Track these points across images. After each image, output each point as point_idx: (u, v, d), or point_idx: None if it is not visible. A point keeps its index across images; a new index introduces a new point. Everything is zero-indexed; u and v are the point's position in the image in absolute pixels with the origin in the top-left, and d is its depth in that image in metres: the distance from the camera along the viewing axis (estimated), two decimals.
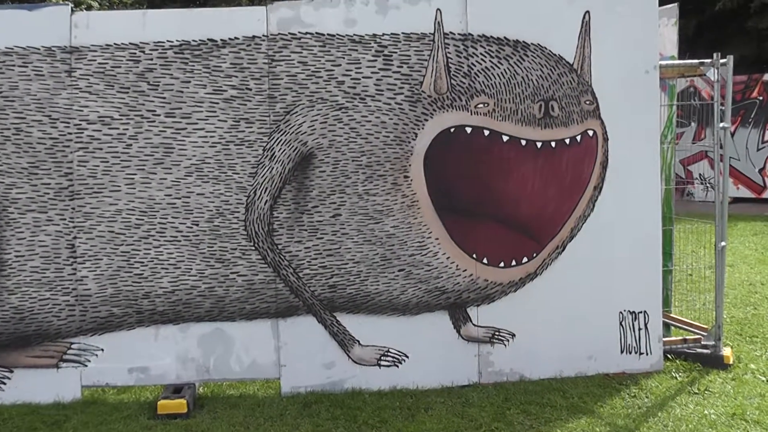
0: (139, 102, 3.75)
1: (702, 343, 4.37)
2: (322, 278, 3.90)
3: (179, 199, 3.81)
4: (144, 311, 3.84)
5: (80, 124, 3.76)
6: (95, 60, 3.75)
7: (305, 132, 3.82)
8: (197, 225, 3.82)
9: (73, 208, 3.78)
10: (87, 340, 3.86)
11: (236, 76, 3.78)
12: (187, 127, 3.80)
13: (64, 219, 3.77)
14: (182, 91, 3.77)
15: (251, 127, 3.81)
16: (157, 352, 3.87)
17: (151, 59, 3.76)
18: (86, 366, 3.87)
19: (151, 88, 3.76)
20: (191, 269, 3.84)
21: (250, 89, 3.79)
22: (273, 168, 3.81)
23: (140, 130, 3.78)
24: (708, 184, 11.16)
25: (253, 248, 3.85)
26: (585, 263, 4.09)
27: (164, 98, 3.77)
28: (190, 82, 3.77)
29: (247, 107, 3.80)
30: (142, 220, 3.81)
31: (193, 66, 3.76)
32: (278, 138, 3.82)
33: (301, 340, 3.94)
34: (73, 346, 3.84)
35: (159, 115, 3.78)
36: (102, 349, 3.87)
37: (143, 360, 3.88)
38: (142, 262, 3.81)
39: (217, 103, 3.78)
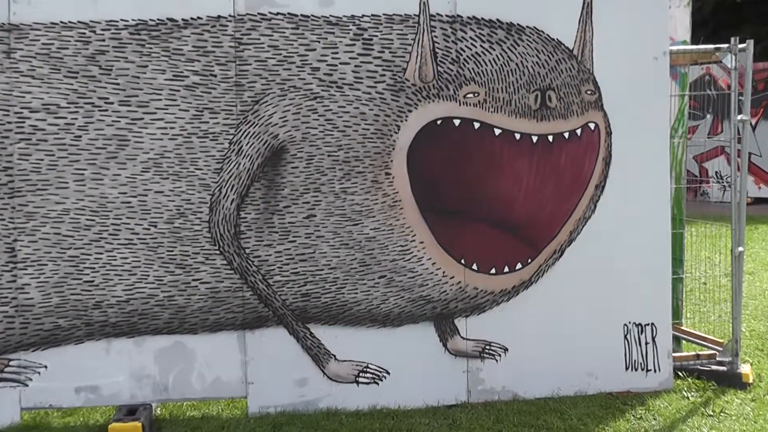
0: (89, 88, 3.72)
1: (717, 359, 4.40)
2: (294, 286, 3.91)
3: (135, 197, 3.79)
4: (94, 323, 3.82)
5: (21, 113, 3.73)
6: (38, 40, 3.71)
7: (276, 124, 3.83)
8: (155, 226, 3.81)
9: (14, 207, 3.74)
10: (28, 356, 3.82)
11: (199, 61, 3.77)
12: (143, 117, 3.77)
13: (3, 219, 3.74)
14: (138, 77, 3.75)
15: (216, 118, 3.80)
16: (108, 368, 3.85)
17: (103, 40, 3.73)
18: (27, 385, 3.83)
19: (103, 72, 3.73)
20: (148, 276, 3.82)
21: (215, 76, 3.78)
22: (240, 163, 3.81)
23: (91, 120, 3.75)
24: (725, 183, 11.20)
25: (218, 252, 3.85)
26: (586, 270, 4.12)
27: (118, 84, 3.75)
28: (147, 66, 3.75)
29: (212, 96, 3.79)
30: (93, 220, 3.78)
31: (151, 49, 3.74)
32: (246, 130, 3.82)
33: (271, 354, 3.94)
34: (11, 363, 3.80)
35: (112, 103, 3.75)
36: (45, 366, 3.83)
37: (93, 378, 3.85)
38: (93, 268, 3.79)
39: (178, 91, 3.77)
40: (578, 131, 4.04)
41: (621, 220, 4.13)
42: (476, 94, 3.89)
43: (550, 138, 4.00)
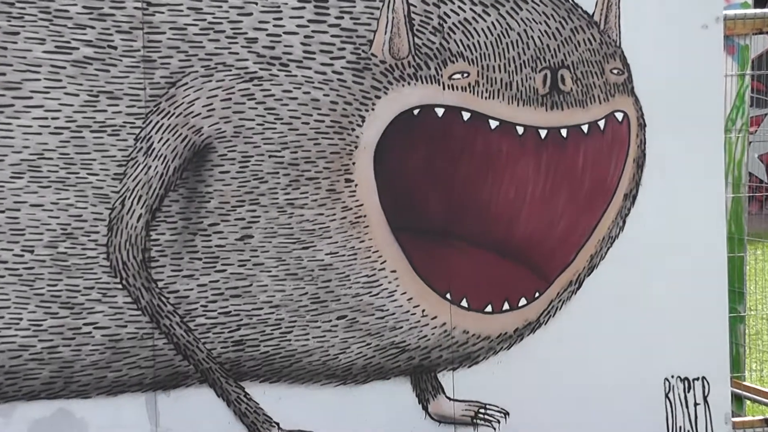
0: None
1: None
2: (224, 330, 3.84)
3: (2, 213, 3.67)
4: None
5: None
6: None
7: (199, 113, 3.76)
8: (31, 252, 3.69)
9: None
10: None
11: (93, 27, 3.68)
12: (14, 104, 3.65)
13: None
14: (5, 48, 3.64)
15: (117, 106, 3.71)
16: None
17: None
18: None
19: None
20: (20, 320, 3.69)
21: (115, 48, 3.69)
22: (150, 167, 3.74)
23: None
24: None
25: (120, 287, 3.76)
26: (612, 307, 4.11)
27: None
28: (18, 34, 3.64)
29: (110, 75, 3.70)
30: None
31: (24, 9, 3.63)
32: (158, 122, 3.75)
33: (192, 423, 3.86)
34: None
35: None
36: None
37: None
38: None
39: (63, 68, 3.67)
40: (601, 123, 4.01)
41: (659, 241, 4.12)
42: (465, 75, 3.86)
43: (564, 132, 3.96)
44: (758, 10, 4.64)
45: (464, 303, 3.97)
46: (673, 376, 4.18)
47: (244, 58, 3.75)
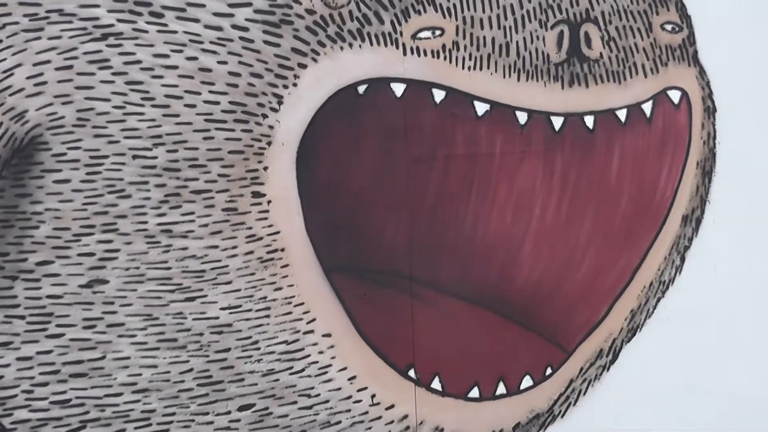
0: None
1: None
2: (60, 429, 3.56)
3: None
4: None
5: None
6: None
7: (21, 89, 3.50)
8: None
9: None
10: None
11: None
12: None
13: None
14: None
15: None
16: None
17: None
18: None
19: None
20: None
21: None
22: None
23: None
24: None
25: None
26: (665, 392, 3.93)
27: None
28: None
29: None
30: None
31: None
32: None
33: None
34: None
35: None
36: None
37: None
38: None
39: None
40: (647, 107, 3.81)
41: (738, 290, 3.96)
42: (438, 32, 3.67)
43: (590, 121, 3.76)
44: None
45: (436, 384, 3.76)
46: None
47: (92, 4, 3.51)
